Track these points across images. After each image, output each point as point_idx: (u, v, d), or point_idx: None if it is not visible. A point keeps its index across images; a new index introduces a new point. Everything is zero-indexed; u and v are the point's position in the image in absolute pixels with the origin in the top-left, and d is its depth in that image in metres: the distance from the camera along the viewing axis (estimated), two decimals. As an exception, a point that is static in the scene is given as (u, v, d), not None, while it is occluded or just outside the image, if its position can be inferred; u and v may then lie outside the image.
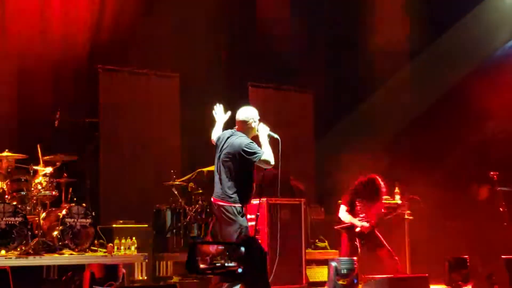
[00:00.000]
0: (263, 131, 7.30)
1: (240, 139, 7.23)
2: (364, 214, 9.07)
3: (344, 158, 11.95)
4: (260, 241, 2.15)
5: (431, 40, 12.90)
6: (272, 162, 7.13)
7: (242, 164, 7.19)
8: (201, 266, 2.20)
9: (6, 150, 9.37)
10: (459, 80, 12.45)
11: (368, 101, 13.47)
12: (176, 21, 12.26)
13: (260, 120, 7.43)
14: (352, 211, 9.07)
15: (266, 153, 7.14)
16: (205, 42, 12.34)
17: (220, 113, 7.59)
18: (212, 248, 2.22)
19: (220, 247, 2.22)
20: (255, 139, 7.35)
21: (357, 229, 8.93)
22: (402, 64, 13.11)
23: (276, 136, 7.32)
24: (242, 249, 2.23)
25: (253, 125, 7.33)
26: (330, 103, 13.30)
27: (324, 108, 13.39)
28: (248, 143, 7.21)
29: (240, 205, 7.15)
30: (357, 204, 9.08)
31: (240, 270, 2.20)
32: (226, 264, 2.22)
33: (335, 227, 9.36)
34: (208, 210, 10.80)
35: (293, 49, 13.01)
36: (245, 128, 7.36)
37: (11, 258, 8.56)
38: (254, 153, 7.14)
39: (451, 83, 12.46)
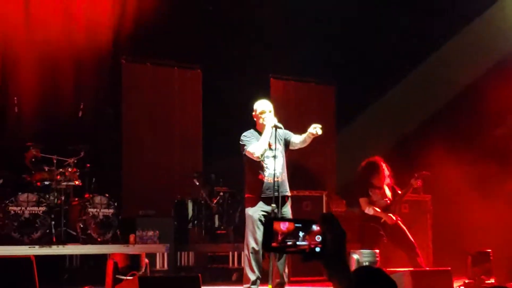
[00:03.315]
0: (270, 122, 7.41)
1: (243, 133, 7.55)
2: (383, 200, 9.04)
3: (366, 150, 11.90)
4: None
5: (454, 31, 12.79)
6: (256, 154, 7.34)
7: (243, 155, 7.49)
8: (275, 244, 2.16)
9: (30, 143, 9.43)
10: (482, 72, 12.34)
11: (390, 93, 13.39)
12: (199, 13, 12.27)
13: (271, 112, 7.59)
14: (371, 202, 9.07)
15: (253, 145, 7.29)
16: (228, 34, 12.32)
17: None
18: (288, 226, 2.18)
19: (297, 225, 2.18)
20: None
21: (382, 220, 8.92)
22: (425, 55, 13.02)
23: (279, 125, 7.43)
24: (321, 226, 2.19)
25: (258, 114, 7.52)
26: (352, 95, 13.23)
27: (346, 100, 13.33)
28: (242, 135, 7.48)
29: (250, 196, 7.41)
30: (371, 194, 9.07)
31: (318, 249, 2.17)
32: (298, 243, 2.19)
33: (361, 222, 9.33)
34: (229, 201, 10.85)
35: (314, 41, 12.95)
36: (254, 117, 7.60)
37: (34, 247, 8.64)
38: (243, 145, 7.45)
39: (474, 75, 12.36)
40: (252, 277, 7.39)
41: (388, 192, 9.15)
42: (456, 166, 11.13)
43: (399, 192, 9.22)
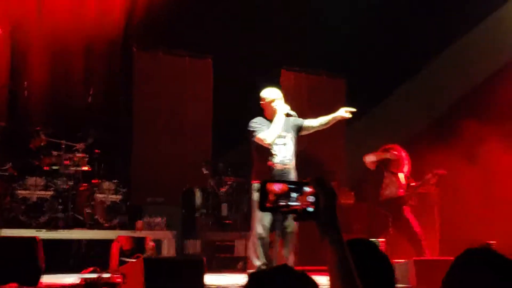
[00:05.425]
0: (281, 109, 7.41)
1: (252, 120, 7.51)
2: (395, 187, 9.08)
3: (376, 144, 11.88)
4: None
5: (467, 28, 12.74)
6: (268, 141, 7.33)
7: (251, 142, 7.45)
8: (268, 204, 2.20)
9: (38, 127, 9.46)
10: (494, 71, 12.30)
11: (401, 88, 13.37)
12: (211, 2, 12.29)
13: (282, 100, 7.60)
14: (384, 183, 9.13)
15: (264, 132, 7.28)
16: (240, 24, 12.32)
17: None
18: (282, 187, 2.22)
19: (290, 186, 2.22)
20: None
21: (388, 156, 9.01)
22: (437, 52, 12.98)
23: (292, 113, 7.44)
24: (314, 187, 2.23)
25: (268, 103, 7.50)
26: (363, 88, 13.20)
27: (357, 93, 13.29)
28: (251, 121, 7.45)
29: (257, 182, 7.38)
30: (385, 176, 9.10)
31: (310, 209, 2.20)
32: (290, 203, 2.22)
33: (371, 208, 9.35)
34: (237, 190, 10.86)
35: (326, 34, 12.94)
36: (263, 106, 7.56)
37: (41, 230, 8.69)
38: (252, 131, 7.42)
39: (488, 70, 12.31)
40: (257, 263, 7.39)
41: (402, 180, 9.17)
42: (463, 160, 11.12)
43: (412, 184, 9.25)
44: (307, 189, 2.23)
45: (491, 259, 2.28)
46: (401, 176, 9.19)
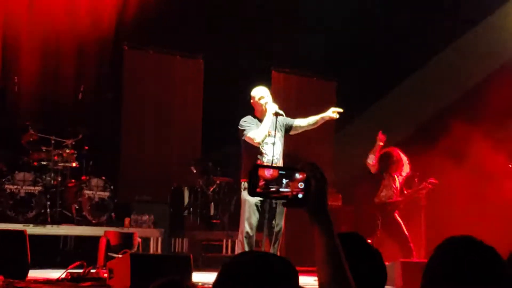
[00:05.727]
0: (271, 109, 7.43)
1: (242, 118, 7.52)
2: (391, 190, 9.13)
3: (364, 148, 11.91)
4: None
5: (458, 33, 12.80)
6: (257, 140, 7.34)
7: (241, 141, 7.46)
8: (259, 190, 2.20)
9: (28, 122, 9.45)
10: (483, 77, 12.35)
11: (390, 94, 13.40)
12: (203, 2, 12.31)
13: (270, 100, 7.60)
14: (383, 184, 9.19)
15: (253, 131, 7.32)
16: (231, 24, 12.34)
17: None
18: (272, 173, 2.22)
19: (282, 172, 2.22)
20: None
21: (378, 142, 9.10)
22: (427, 57, 13.03)
23: (281, 112, 7.43)
24: (305, 171, 2.23)
25: (257, 101, 7.48)
26: (353, 92, 13.24)
27: (347, 96, 13.33)
28: (242, 120, 7.46)
29: (246, 180, 7.40)
30: (384, 176, 9.16)
31: (300, 196, 2.20)
32: (281, 189, 2.22)
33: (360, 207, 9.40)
34: (225, 190, 10.88)
35: (317, 36, 12.97)
36: (252, 105, 7.56)
37: (29, 225, 8.68)
38: (243, 130, 7.41)
39: (480, 76, 12.36)
40: (244, 261, 7.40)
41: (398, 184, 9.22)
42: (452, 163, 11.18)
43: (405, 192, 9.31)
44: (298, 175, 2.23)
45: (470, 246, 2.30)
46: (397, 179, 9.24)
